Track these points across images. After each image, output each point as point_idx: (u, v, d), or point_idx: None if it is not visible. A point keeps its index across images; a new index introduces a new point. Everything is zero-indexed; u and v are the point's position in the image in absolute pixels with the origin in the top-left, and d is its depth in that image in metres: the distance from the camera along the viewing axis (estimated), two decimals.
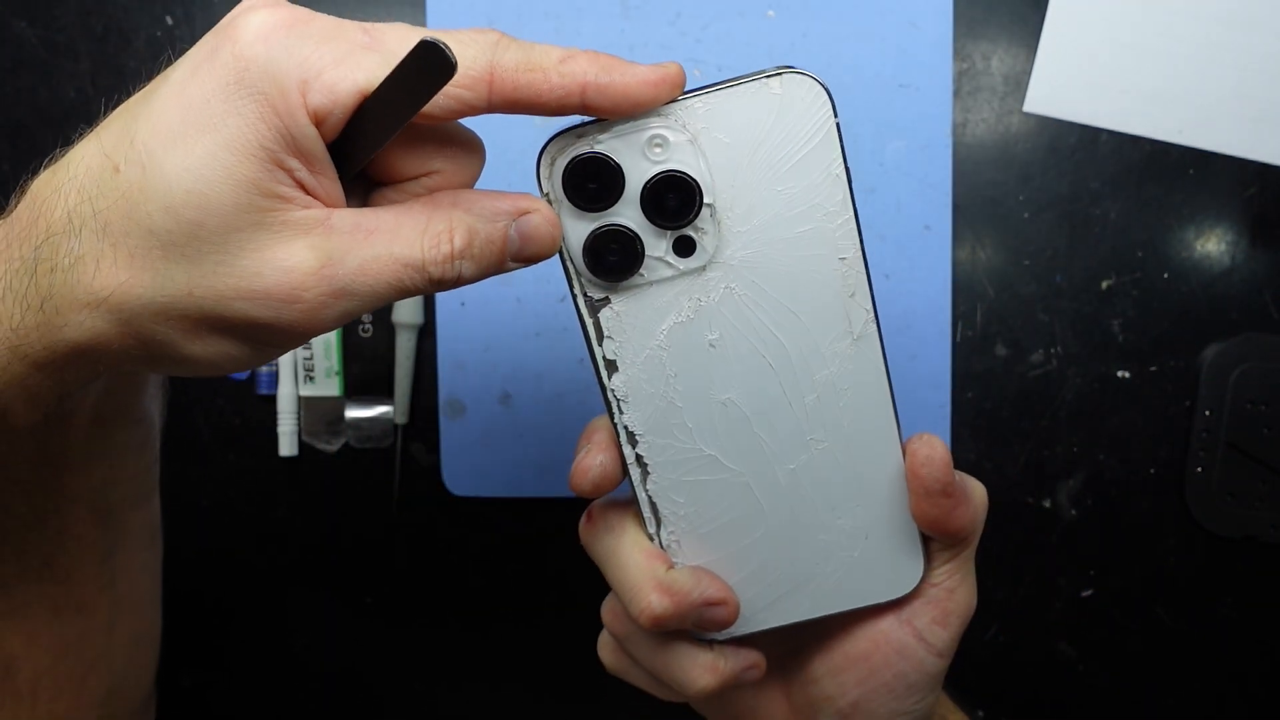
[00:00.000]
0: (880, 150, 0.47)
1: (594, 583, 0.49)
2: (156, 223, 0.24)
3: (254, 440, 0.49)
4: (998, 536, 0.48)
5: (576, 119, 0.27)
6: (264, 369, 0.48)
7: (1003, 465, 0.48)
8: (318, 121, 0.24)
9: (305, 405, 0.49)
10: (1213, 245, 0.47)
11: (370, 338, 0.48)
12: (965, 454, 0.48)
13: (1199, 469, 0.47)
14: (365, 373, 0.49)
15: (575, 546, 0.49)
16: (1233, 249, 0.47)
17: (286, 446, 0.48)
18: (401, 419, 0.49)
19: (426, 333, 0.48)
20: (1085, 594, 0.49)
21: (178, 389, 0.49)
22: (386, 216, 0.26)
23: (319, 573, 0.49)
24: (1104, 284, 0.48)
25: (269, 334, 0.25)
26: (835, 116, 0.27)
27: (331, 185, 0.26)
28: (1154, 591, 0.49)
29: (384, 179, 0.28)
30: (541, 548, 0.49)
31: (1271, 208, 0.47)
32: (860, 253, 0.29)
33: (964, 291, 0.48)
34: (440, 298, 0.48)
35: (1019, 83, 0.47)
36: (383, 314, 0.48)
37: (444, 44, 0.23)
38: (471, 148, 0.28)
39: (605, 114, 0.27)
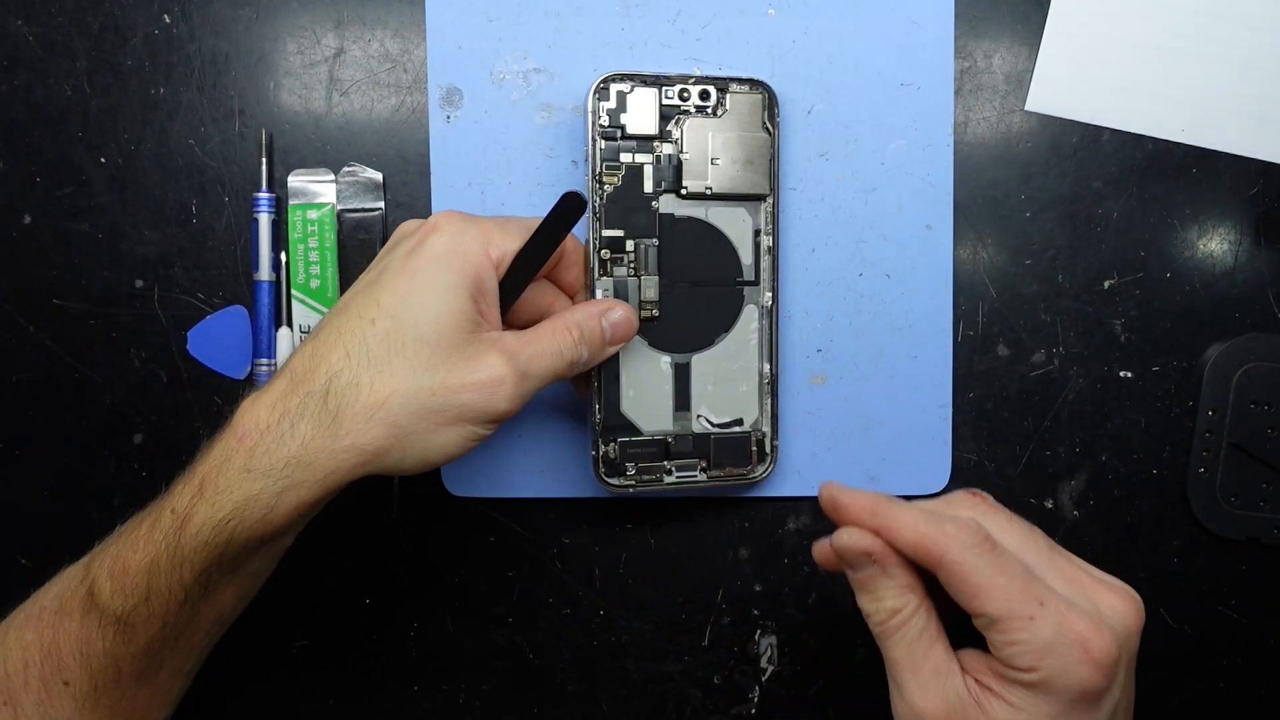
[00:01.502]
0: (881, 149, 0.47)
1: (594, 584, 0.49)
2: (409, 349, 0.36)
3: None
4: None
5: None
6: (264, 367, 0.48)
7: (1004, 466, 0.48)
8: (495, 267, 0.38)
9: None
10: (1215, 245, 0.47)
11: None
12: (967, 454, 0.48)
13: (1201, 470, 0.47)
14: None
15: (575, 547, 0.49)
16: (1235, 248, 0.47)
17: None
18: None
19: None
20: None
21: (175, 389, 0.49)
22: (531, 332, 0.39)
23: (318, 574, 0.49)
24: (1106, 284, 0.47)
25: (483, 415, 0.37)
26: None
27: (497, 314, 0.39)
28: (1156, 593, 0.48)
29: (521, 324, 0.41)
30: (541, 548, 0.49)
31: (1275, 207, 0.47)
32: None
33: (965, 291, 0.47)
34: None
35: (1021, 81, 0.47)
36: None
37: (579, 192, 0.38)
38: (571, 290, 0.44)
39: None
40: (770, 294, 0.46)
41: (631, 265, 0.44)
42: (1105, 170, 0.47)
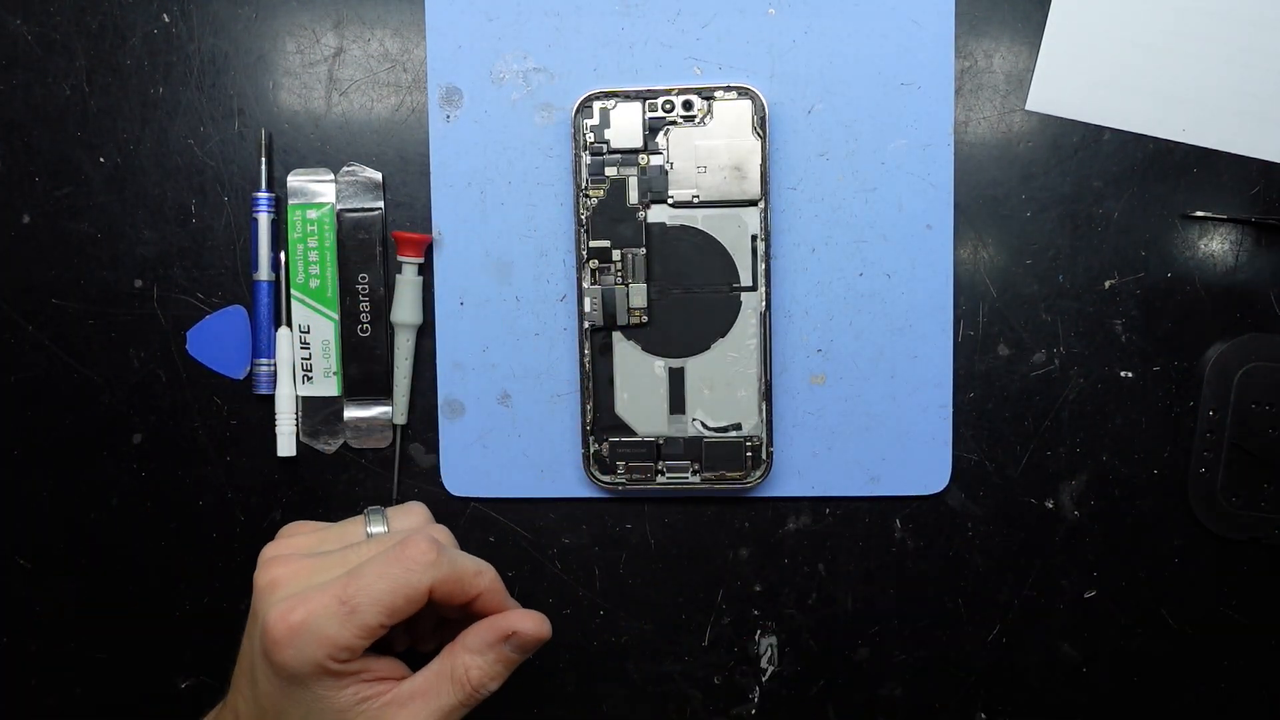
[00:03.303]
0: (881, 149, 0.47)
1: (594, 584, 0.49)
2: None
3: (251, 440, 0.49)
4: (1000, 538, 0.48)
5: None
6: (263, 367, 0.48)
7: (1005, 466, 0.48)
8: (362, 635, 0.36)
9: (303, 405, 0.49)
10: (1216, 244, 0.47)
11: (369, 337, 0.48)
12: (967, 454, 0.48)
13: (1202, 470, 0.47)
14: (364, 373, 0.48)
15: (575, 547, 0.49)
16: (1236, 248, 0.47)
17: (285, 447, 0.48)
18: (400, 419, 0.48)
19: (425, 332, 0.48)
20: (1088, 595, 0.48)
21: (174, 389, 0.49)
22: (419, 680, 0.37)
23: None
24: (1107, 283, 0.47)
25: None
26: None
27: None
28: (1158, 593, 0.48)
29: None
30: (541, 548, 0.49)
31: (1276, 206, 0.47)
32: None
33: (966, 291, 0.47)
34: (439, 297, 0.48)
35: (1021, 81, 0.47)
36: (381, 313, 0.48)
37: None
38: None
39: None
40: (764, 299, 0.46)
41: (619, 274, 0.46)
42: (1106, 170, 0.47)
